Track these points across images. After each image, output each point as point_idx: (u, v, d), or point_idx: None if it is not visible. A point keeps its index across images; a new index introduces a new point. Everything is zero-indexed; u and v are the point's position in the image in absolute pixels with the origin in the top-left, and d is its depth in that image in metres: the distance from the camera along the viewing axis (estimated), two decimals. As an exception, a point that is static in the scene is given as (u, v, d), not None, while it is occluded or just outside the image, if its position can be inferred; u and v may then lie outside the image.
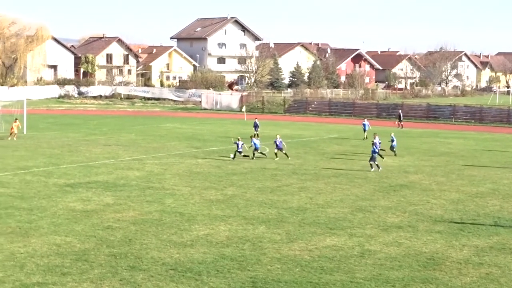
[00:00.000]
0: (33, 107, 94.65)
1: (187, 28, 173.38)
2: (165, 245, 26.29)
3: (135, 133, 68.84)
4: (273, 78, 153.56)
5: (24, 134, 64.41)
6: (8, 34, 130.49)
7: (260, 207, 33.65)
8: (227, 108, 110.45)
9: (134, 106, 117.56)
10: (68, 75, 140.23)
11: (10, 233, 27.56)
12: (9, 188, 37.45)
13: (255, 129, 64.99)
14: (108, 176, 42.16)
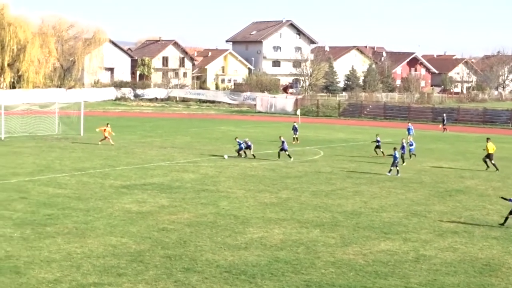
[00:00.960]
0: (90, 109, 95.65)
1: (242, 31, 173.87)
2: (219, 248, 26.39)
3: (190, 135, 69.23)
4: (328, 82, 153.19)
5: (81, 136, 65.18)
6: (67, 37, 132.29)
7: (314, 211, 33.61)
8: (281, 111, 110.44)
9: (189, 109, 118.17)
10: (124, 77, 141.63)
11: (67, 234, 27.91)
12: (66, 189, 37.94)
13: (294, 132, 64.30)
14: (163, 178, 42.46)
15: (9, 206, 32.95)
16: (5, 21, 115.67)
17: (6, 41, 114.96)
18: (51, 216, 30.97)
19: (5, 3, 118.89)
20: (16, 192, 36.60)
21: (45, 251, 25.29)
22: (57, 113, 69.27)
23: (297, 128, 64.52)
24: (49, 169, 44.87)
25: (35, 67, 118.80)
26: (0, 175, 41.86)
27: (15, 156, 50.93)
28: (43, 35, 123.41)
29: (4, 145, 57.11)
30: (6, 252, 24.97)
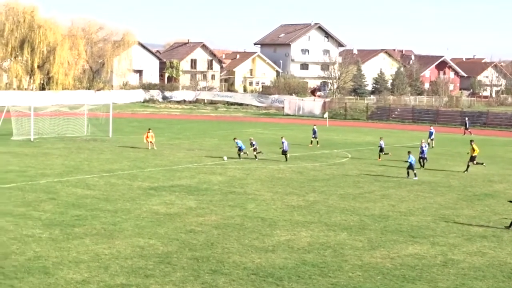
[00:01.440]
0: (119, 111, 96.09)
1: (270, 34, 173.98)
2: (246, 250, 26.42)
3: (218, 138, 69.36)
4: (356, 85, 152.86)
5: (109, 137, 65.52)
6: (96, 39, 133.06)
7: (342, 214, 33.55)
8: (309, 114, 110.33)
9: (217, 111, 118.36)
10: (153, 79, 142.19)
11: (95, 235, 28.06)
12: (95, 190, 38.15)
13: (314, 135, 64.06)
14: (191, 180, 42.57)
15: (38, 207, 33.19)
16: (35, 24, 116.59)
17: (36, 43, 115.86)
18: (80, 217, 31.15)
19: (35, 5, 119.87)
20: (45, 193, 36.86)
21: (74, 251, 25.44)
22: (86, 115, 69.68)
23: (316, 131, 64.21)
24: (77, 170, 45.14)
25: (65, 69, 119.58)
26: (30, 176, 42.18)
27: (45, 157, 51.30)
28: (73, 37, 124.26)
29: (34, 146, 57.52)
30: (35, 253, 25.15)
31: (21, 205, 33.48)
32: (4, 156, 51.07)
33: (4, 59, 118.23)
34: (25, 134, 62.94)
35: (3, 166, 46.25)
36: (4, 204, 33.58)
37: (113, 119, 69.81)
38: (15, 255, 24.77)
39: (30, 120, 63.11)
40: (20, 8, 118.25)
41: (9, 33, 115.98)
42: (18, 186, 38.73)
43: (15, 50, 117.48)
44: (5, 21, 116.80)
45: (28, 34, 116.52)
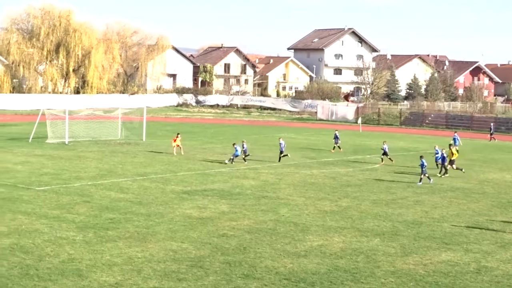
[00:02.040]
0: (152, 115, 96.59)
1: (304, 38, 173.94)
2: (279, 255, 26.43)
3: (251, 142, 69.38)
4: (389, 90, 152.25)
5: (143, 141, 65.86)
6: (131, 43, 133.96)
7: (374, 220, 33.47)
8: (342, 119, 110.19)
9: (250, 116, 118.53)
10: (186, 84, 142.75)
11: (129, 238, 28.23)
12: (128, 193, 38.37)
13: (336, 141, 63.77)
14: (223, 184, 42.68)
15: (72, 210, 33.45)
16: (71, 27, 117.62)
17: (71, 47, 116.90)
18: (113, 220, 31.36)
19: (71, 9, 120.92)
20: (79, 196, 37.14)
21: (107, 254, 25.61)
22: (120, 119, 70.13)
23: (338, 137, 63.86)
24: (111, 174, 45.44)
25: (99, 72, 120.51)
26: (64, 179, 42.52)
27: (79, 160, 51.69)
28: (108, 41, 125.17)
29: (68, 150, 57.98)
30: (69, 255, 25.35)
31: (55, 208, 33.77)
32: (39, 159, 51.54)
33: (40, 63, 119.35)
34: (60, 137, 63.44)
35: (38, 169, 46.67)
36: (39, 207, 33.89)
37: (146, 123, 70.20)
38: (49, 257, 24.99)
39: (65, 124, 63.60)
40: (56, 12, 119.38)
41: (44, 36, 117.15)
42: (53, 189, 39.06)
43: (50, 54, 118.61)
44: (41, 25, 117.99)
45: (63, 38, 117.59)
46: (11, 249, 25.87)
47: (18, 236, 27.83)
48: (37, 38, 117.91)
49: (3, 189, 38.33)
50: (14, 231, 28.65)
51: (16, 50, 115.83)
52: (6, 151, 56.07)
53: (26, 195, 36.95)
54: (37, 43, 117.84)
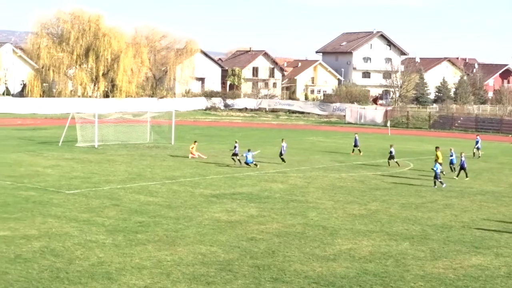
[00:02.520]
0: (181, 119, 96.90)
1: (332, 42, 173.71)
2: (307, 258, 26.40)
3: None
4: (418, 93, 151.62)
5: (172, 145, 66.06)
6: (159, 47, 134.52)
7: (403, 223, 33.33)
8: (371, 123, 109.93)
9: (278, 119, 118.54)
10: (215, 87, 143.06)
11: (158, 241, 28.32)
12: (157, 197, 38.51)
13: (355, 144, 63.55)
14: (252, 188, 42.70)
15: (102, 213, 33.63)
16: (100, 32, 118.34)
17: (100, 51, 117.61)
18: (142, 224, 31.49)
19: (100, 14, 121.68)
20: (108, 199, 37.33)
21: (136, 258, 25.72)
22: (149, 122, 70.39)
23: (357, 140, 63.65)
24: (140, 177, 45.62)
25: (128, 76, 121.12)
26: (94, 183, 42.76)
27: (108, 164, 51.94)
28: (136, 45, 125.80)
29: (98, 153, 58.29)
30: (99, 258, 25.48)
31: (85, 211, 33.97)
32: (69, 163, 51.86)
33: (70, 67, 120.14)
34: (89, 141, 63.80)
35: (68, 172, 46.97)
36: (69, 210, 34.10)
37: (175, 126, 70.43)
38: (79, 261, 25.14)
39: (94, 127, 63.96)
40: (85, 17, 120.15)
41: (74, 41, 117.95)
42: (83, 192, 39.30)
43: (80, 58, 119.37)
44: (71, 29, 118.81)
45: (93, 42, 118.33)
46: (41, 252, 26.06)
47: (48, 239, 28.02)
48: (67, 42, 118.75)
49: (33, 193, 38.62)
50: (45, 234, 28.86)
51: (46, 54, 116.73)
52: (37, 154, 56.49)
53: (56, 198, 37.21)
54: (67, 48, 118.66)
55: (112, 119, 73.08)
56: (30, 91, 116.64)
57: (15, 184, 41.27)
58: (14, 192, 38.59)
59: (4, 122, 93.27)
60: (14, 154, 56.16)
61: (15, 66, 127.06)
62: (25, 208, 34.38)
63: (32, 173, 46.00)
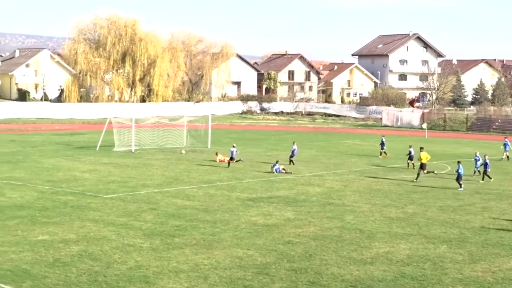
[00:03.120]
0: (217, 122, 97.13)
1: (368, 45, 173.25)
2: (345, 262, 26.34)
3: (315, 149, 69.35)
4: (455, 95, 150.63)
5: (208, 148, 66.22)
6: (195, 52, 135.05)
7: (441, 226, 33.12)
8: (407, 125, 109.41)
9: (314, 122, 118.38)
10: (251, 91, 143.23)
11: (195, 245, 28.40)
12: (194, 201, 38.63)
13: (382, 147, 63.30)
14: (288, 191, 42.69)
15: (139, 217, 33.81)
16: (137, 37, 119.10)
17: (137, 56, 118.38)
18: (179, 227, 31.60)
19: (136, 19, 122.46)
20: (146, 203, 37.52)
21: (174, 261, 25.82)
22: (185, 126, 70.64)
23: (384, 142, 63.46)
24: (177, 181, 45.80)
25: (165, 81, 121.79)
26: (131, 187, 43.00)
27: (145, 168, 52.21)
28: (173, 49, 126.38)
29: (135, 158, 58.62)
30: (136, 262, 25.62)
31: (123, 215, 34.18)
32: (106, 167, 52.21)
33: (106, 72, 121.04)
34: (126, 145, 64.17)
35: (105, 177, 47.29)
36: (107, 214, 34.34)
37: (211, 130, 70.60)
38: (117, 264, 25.30)
39: (131, 132, 64.31)
40: (122, 22, 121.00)
41: (111, 46, 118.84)
42: (120, 196, 39.54)
43: (116, 63, 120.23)
44: (108, 34, 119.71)
45: (129, 47, 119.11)
46: (79, 256, 26.26)
47: (86, 243, 28.24)
48: (103, 47, 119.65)
49: (71, 197, 38.94)
50: (83, 238, 29.08)
51: (83, 59, 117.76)
52: (75, 159, 56.95)
53: (94, 202, 37.48)
54: (103, 53, 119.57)
55: (149, 124, 73.44)
56: (67, 97, 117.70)
57: (53, 189, 41.64)
58: (52, 197, 38.95)
59: (43, 127, 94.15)
60: (52, 159, 56.67)
61: (53, 71, 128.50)
62: (64, 212, 34.68)
63: (70, 178, 46.39)
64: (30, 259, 25.69)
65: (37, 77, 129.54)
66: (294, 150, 56.14)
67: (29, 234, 29.74)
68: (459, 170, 44.68)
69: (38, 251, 26.80)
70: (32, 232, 30.02)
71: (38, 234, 29.66)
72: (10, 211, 34.73)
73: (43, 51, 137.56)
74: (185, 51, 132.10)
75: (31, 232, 30.02)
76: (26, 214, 33.86)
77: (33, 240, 28.66)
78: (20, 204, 36.69)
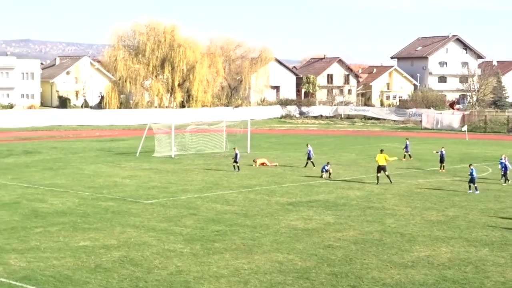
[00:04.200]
0: (257, 127, 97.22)
1: (407, 47, 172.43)
2: (385, 266, 26.22)
3: (355, 152, 69.14)
4: (496, 97, 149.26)
5: (247, 153, 66.28)
6: (234, 57, 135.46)
7: (483, 229, 32.83)
8: (448, 128, 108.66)
9: (354, 126, 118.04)
10: (289, 95, 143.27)
11: (235, 250, 28.45)
12: (234, 205, 38.69)
13: (406, 149, 62.91)
14: (328, 195, 42.60)
15: (180, 222, 33.94)
16: (176, 43, 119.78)
17: (176, 62, 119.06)
18: (219, 232, 31.68)
19: (176, 24, 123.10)
20: (186, 208, 37.66)
21: (214, 266, 25.88)
22: (225, 131, 70.76)
23: (408, 145, 63.07)
24: (217, 186, 45.91)
25: (204, 86, 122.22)
26: (171, 192, 43.19)
27: (185, 173, 52.41)
28: (211, 55, 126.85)
29: (175, 163, 58.87)
30: (177, 267, 25.72)
31: (163, 221, 34.33)
32: (146, 173, 52.50)
33: (146, 78, 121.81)
34: (166, 151, 64.44)
35: (146, 182, 47.55)
36: (147, 220, 34.52)
37: (251, 135, 70.67)
38: (157, 270, 25.42)
39: (171, 137, 64.58)
40: (161, 28, 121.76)
41: (150, 52, 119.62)
42: (160, 202, 39.73)
43: (156, 69, 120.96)
44: (147, 41, 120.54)
45: (168, 53, 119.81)
46: (120, 262, 26.43)
47: (127, 249, 28.41)
48: (143, 54, 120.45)
49: (112, 203, 39.22)
50: (124, 244, 29.27)
51: (123, 66, 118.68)
52: (115, 165, 57.33)
53: (134, 208, 37.71)
54: (143, 59, 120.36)
55: (189, 129, 73.71)
56: (107, 103, 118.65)
57: (94, 195, 41.97)
58: (93, 203, 39.26)
59: (83, 134, 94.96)
60: (93, 165, 57.11)
61: (93, 78, 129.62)
62: (104, 218, 34.94)
63: (110, 184, 46.72)
64: (72, 265, 25.91)
65: (78, 84, 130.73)
66: (310, 152, 56.38)
67: (71, 240, 30.00)
68: (472, 173, 44.21)
69: (80, 257, 27.02)
70: (74, 238, 30.28)
71: (80, 240, 29.91)
72: (52, 217, 35.07)
73: (83, 58, 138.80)
74: (224, 56, 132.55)
75: (73, 238, 30.29)
76: (68, 220, 34.16)
77: (74, 246, 28.91)
78: (62, 210, 37.03)
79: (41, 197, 41.18)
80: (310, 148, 56.80)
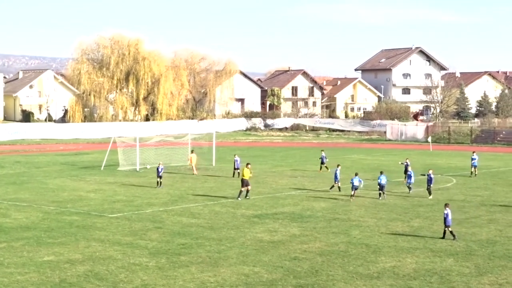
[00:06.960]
0: (221, 140, 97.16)
1: (371, 59, 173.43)
2: (351, 277, 26.29)
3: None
4: (459, 108, 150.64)
5: (213, 166, 66.21)
6: (199, 69, 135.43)
7: (447, 240, 33.03)
8: (412, 139, 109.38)
9: (319, 138, 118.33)
10: (254, 108, 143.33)
11: (201, 263, 28.39)
12: (199, 219, 38.62)
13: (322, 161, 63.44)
14: (294, 207, 42.66)
15: (145, 236, 33.80)
16: (140, 56, 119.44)
17: (141, 75, 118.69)
18: (185, 246, 31.59)
19: (140, 38, 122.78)
20: (151, 222, 37.52)
21: (180, 280, 25.80)
22: (190, 144, 70.59)
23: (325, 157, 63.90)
24: (182, 199, 45.80)
25: (168, 99, 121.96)
26: (136, 206, 43.01)
27: (150, 186, 52.19)
28: (176, 68, 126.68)
29: (139, 176, 58.63)
30: (143, 281, 25.60)
31: (128, 235, 34.17)
32: (111, 187, 52.23)
33: (110, 92, 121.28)
34: (131, 164, 64.17)
35: (110, 196, 47.31)
36: (112, 234, 34.33)
37: (216, 147, 70.60)
38: (123, 284, 25.28)
39: (136, 151, 64.31)
40: (125, 41, 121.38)
41: (114, 66, 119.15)
42: (125, 215, 39.55)
43: (120, 83, 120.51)
44: (111, 54, 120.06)
45: (133, 66, 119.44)
46: (85, 276, 26.25)
47: (92, 263, 28.23)
48: (107, 67, 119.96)
49: (77, 217, 38.95)
50: (89, 258, 29.07)
51: (87, 79, 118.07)
52: (80, 179, 56.99)
53: (99, 222, 37.49)
54: (107, 72, 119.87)
55: (153, 142, 73.45)
56: (71, 117, 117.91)
57: (58, 209, 41.68)
58: (58, 217, 38.97)
59: (47, 148, 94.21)
60: (57, 179, 56.72)
61: (57, 92, 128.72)
62: (69, 232, 34.69)
63: (75, 198, 46.42)
64: (36, 280, 25.68)
65: (41, 98, 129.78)
66: (323, 158, 61.98)
67: (35, 255, 29.75)
68: (380, 180, 45.07)
69: (44, 272, 26.80)
70: (38, 253, 30.03)
71: (44, 255, 29.67)
72: (15, 232, 34.76)
73: (46, 72, 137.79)
74: (189, 69, 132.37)
75: (37, 253, 30.04)
76: (32, 235, 33.88)
77: (39, 261, 28.67)
78: (26, 225, 36.72)
79: (4, 211, 40.82)
80: (324, 154, 62.63)
